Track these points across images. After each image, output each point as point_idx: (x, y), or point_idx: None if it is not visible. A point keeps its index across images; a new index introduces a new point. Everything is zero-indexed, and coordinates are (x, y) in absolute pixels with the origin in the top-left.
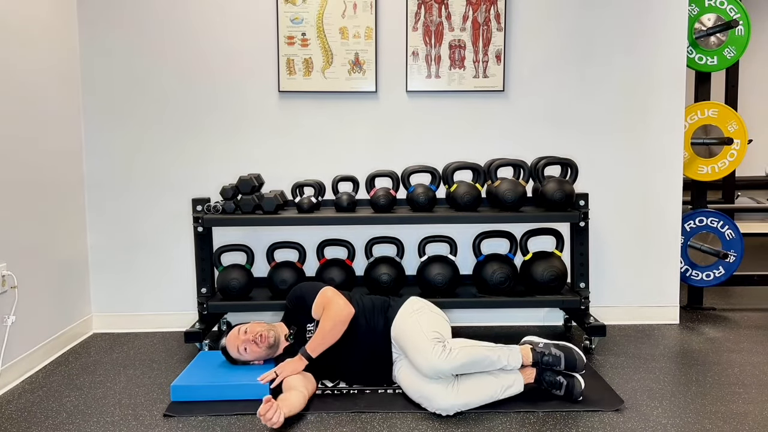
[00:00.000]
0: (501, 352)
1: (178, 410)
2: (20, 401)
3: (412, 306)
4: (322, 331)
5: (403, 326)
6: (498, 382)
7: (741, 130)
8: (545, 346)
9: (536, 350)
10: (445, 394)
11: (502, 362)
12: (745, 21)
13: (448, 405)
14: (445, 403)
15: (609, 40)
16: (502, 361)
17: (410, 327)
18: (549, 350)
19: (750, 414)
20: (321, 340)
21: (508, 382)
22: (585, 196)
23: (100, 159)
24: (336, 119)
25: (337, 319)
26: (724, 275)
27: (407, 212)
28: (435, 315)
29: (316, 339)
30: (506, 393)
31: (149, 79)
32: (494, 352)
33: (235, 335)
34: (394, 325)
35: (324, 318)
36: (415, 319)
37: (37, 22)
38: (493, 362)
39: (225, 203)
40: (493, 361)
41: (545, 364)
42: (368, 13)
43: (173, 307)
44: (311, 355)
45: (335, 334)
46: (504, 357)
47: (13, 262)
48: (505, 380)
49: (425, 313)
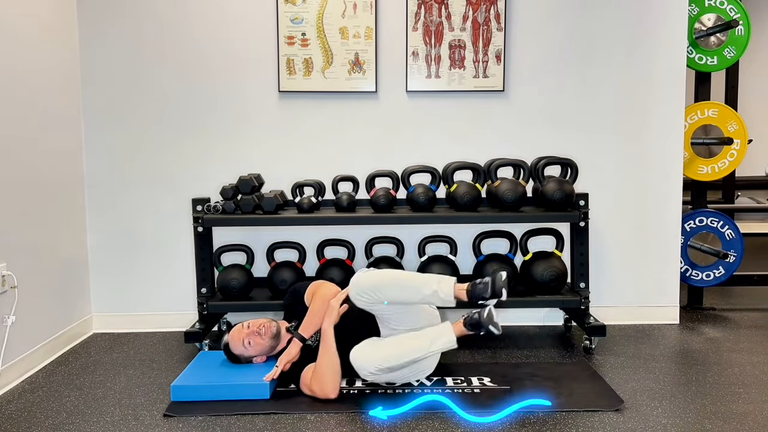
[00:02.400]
0: (428, 277)
1: (178, 410)
2: (20, 401)
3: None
4: (311, 311)
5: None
6: (424, 336)
7: (741, 130)
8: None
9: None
10: (366, 351)
11: (431, 286)
12: (745, 21)
13: (367, 362)
14: (365, 361)
15: (609, 40)
16: (431, 285)
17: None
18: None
19: (750, 414)
20: (311, 320)
21: (434, 334)
22: (585, 196)
23: (100, 159)
24: (336, 119)
25: (325, 297)
26: (724, 275)
27: (407, 212)
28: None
29: (306, 319)
30: (435, 346)
31: (149, 79)
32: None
33: (239, 329)
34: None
35: (313, 299)
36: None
37: (37, 22)
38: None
39: (225, 203)
40: (416, 285)
41: (476, 296)
42: (368, 13)
43: (173, 307)
44: (303, 335)
45: (323, 311)
46: (433, 281)
47: (13, 262)
48: (432, 333)
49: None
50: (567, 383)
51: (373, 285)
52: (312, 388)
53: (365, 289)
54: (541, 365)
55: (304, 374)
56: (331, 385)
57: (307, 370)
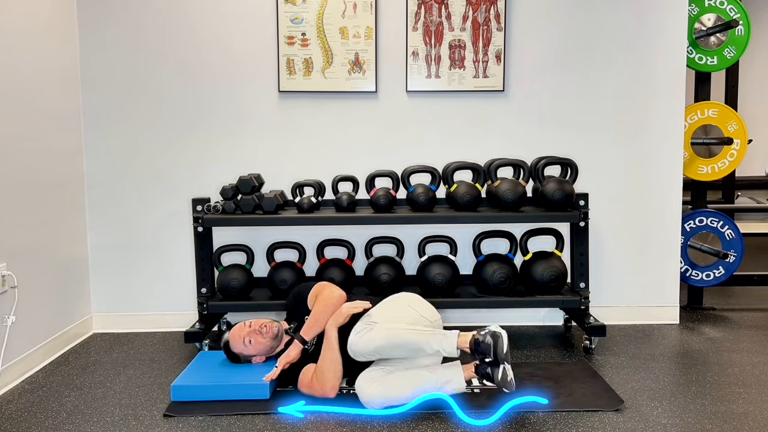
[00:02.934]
0: (432, 336)
1: (178, 410)
2: (20, 401)
3: (395, 296)
4: (314, 314)
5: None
6: (432, 377)
7: (741, 130)
8: (485, 333)
9: (476, 336)
10: (369, 384)
11: (433, 346)
12: (745, 21)
13: (369, 396)
14: (367, 395)
15: (609, 40)
16: (433, 345)
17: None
18: (485, 338)
19: (750, 414)
20: (313, 323)
21: (445, 378)
22: (585, 196)
23: (100, 159)
24: (336, 119)
25: (328, 301)
26: (724, 275)
27: (407, 212)
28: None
29: (308, 322)
30: (444, 389)
31: (149, 79)
32: (422, 335)
33: (240, 327)
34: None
35: (316, 302)
36: (381, 305)
37: (37, 22)
38: (420, 347)
39: (225, 203)
40: (420, 345)
41: (479, 352)
42: (368, 13)
43: (173, 307)
44: (305, 338)
45: (326, 315)
46: (435, 341)
47: (13, 262)
48: (442, 375)
49: (396, 303)
50: (567, 383)
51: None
52: (313, 386)
53: (366, 354)
54: (541, 365)
55: (303, 373)
56: (330, 384)
57: (306, 369)
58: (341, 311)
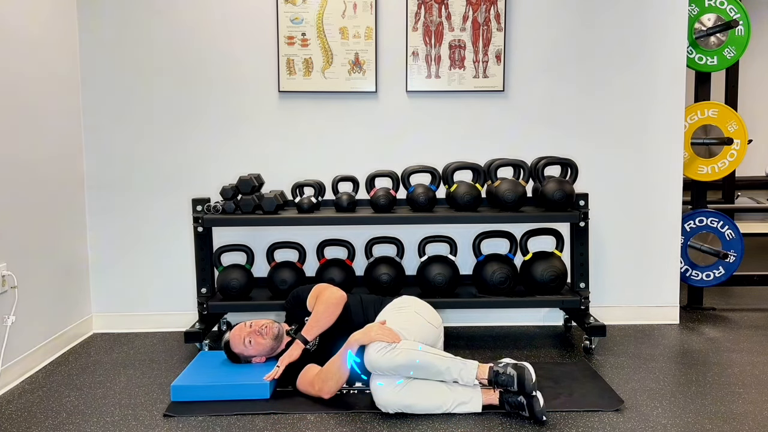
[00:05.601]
0: (452, 363)
1: (178, 410)
2: (20, 401)
3: (399, 302)
4: (315, 314)
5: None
6: (451, 394)
7: (741, 130)
8: (504, 365)
9: (494, 368)
10: (387, 390)
11: (452, 374)
12: (745, 21)
13: (386, 402)
14: (383, 400)
15: (609, 40)
16: (452, 374)
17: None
18: (506, 369)
19: (750, 414)
20: (315, 323)
21: (463, 398)
22: (585, 196)
23: (100, 159)
24: (336, 119)
25: (329, 301)
26: (724, 275)
27: (407, 212)
28: (415, 316)
29: (310, 322)
30: (459, 408)
31: (149, 78)
32: (443, 362)
33: (241, 327)
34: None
35: (317, 303)
36: (391, 314)
37: (37, 22)
38: (440, 372)
39: (225, 203)
40: (440, 370)
41: (500, 383)
42: (368, 13)
43: (173, 307)
44: (306, 338)
45: (328, 315)
46: (455, 369)
47: (13, 262)
48: (460, 395)
49: (405, 312)
50: (567, 383)
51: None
52: (313, 384)
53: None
54: (541, 365)
55: (304, 372)
56: (328, 389)
57: (307, 369)
58: (371, 335)
